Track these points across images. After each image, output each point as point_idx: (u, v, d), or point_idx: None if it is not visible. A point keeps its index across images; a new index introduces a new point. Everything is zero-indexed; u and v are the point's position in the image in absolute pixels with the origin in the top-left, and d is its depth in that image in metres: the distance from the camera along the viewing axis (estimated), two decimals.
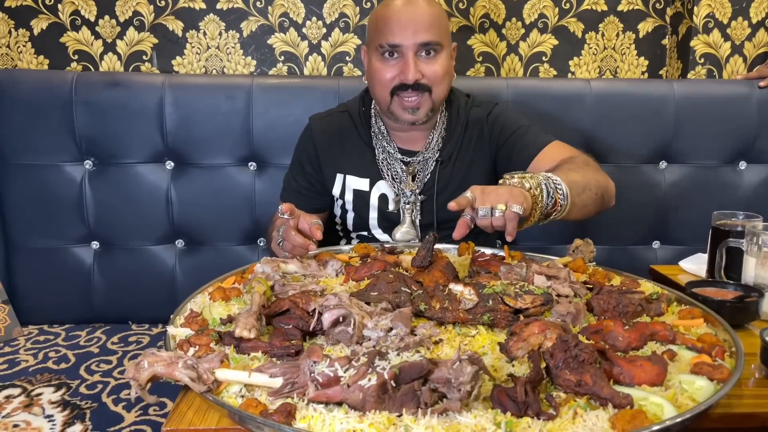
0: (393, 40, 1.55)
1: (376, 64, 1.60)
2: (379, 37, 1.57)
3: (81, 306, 2.07)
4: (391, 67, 1.58)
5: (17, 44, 2.30)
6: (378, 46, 1.58)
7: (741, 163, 2.17)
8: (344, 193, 1.74)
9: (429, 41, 1.55)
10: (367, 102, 1.76)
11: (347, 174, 1.73)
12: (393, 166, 1.70)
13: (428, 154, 1.70)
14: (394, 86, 1.58)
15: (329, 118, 1.78)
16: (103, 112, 1.99)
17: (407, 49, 1.55)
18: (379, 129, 1.72)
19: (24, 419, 1.47)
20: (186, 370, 0.84)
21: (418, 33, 1.54)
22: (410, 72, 1.55)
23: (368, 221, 1.74)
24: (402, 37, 1.55)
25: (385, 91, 1.60)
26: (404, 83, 1.56)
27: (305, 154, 1.77)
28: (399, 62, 1.57)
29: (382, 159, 1.71)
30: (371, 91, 1.68)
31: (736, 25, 2.36)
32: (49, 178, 2.01)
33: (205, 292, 1.20)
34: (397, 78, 1.57)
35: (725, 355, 0.98)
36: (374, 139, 1.72)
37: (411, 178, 1.69)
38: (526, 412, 0.79)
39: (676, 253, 2.12)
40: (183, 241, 2.10)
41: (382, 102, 1.63)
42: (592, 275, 1.33)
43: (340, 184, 1.74)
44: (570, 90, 2.13)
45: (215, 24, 2.34)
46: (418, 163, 1.70)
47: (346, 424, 0.77)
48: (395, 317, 1.02)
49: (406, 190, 1.69)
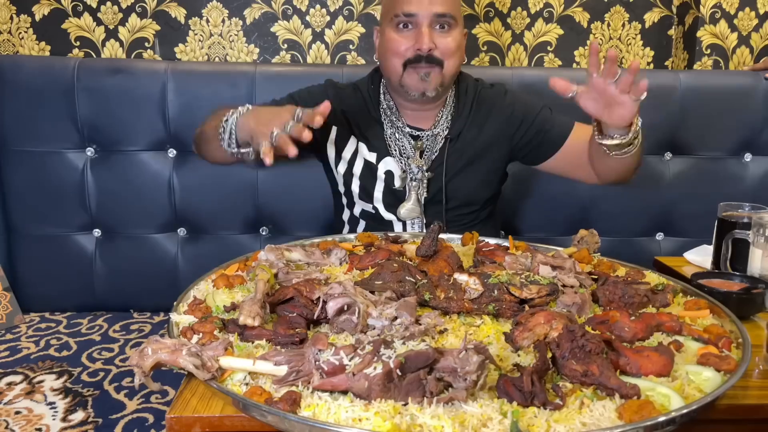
0: (409, 9, 1.57)
1: (391, 34, 1.61)
2: (395, 7, 1.59)
3: (83, 294, 2.06)
4: (405, 37, 1.60)
5: (19, 30, 2.29)
6: (393, 16, 1.60)
7: (746, 155, 2.16)
8: (356, 159, 1.73)
9: (445, 13, 1.58)
10: (376, 80, 1.76)
11: (360, 141, 1.73)
12: (401, 141, 1.71)
13: (437, 130, 1.71)
14: (408, 59, 1.59)
15: (344, 90, 1.78)
16: (106, 99, 1.98)
17: (423, 18, 1.57)
18: (388, 105, 1.73)
19: (26, 406, 1.47)
20: (190, 358, 0.83)
21: (435, 4, 1.57)
22: (424, 41, 1.56)
23: (373, 194, 1.73)
24: (418, 6, 1.57)
25: (398, 62, 1.61)
26: (418, 54, 1.57)
27: (317, 100, 1.50)
28: (413, 32, 1.59)
29: (390, 134, 1.72)
30: (383, 66, 1.69)
31: (743, 15, 2.34)
32: (51, 165, 2.00)
33: (209, 279, 1.20)
34: (411, 49, 1.59)
35: (732, 346, 0.97)
36: (383, 115, 1.73)
37: (419, 153, 1.70)
38: (533, 402, 0.79)
39: (680, 244, 2.11)
40: (185, 229, 2.09)
41: (394, 74, 1.63)
42: (597, 266, 1.32)
43: (353, 148, 1.74)
44: (575, 80, 2.09)
45: (218, 11, 2.33)
46: (426, 139, 1.71)
47: (351, 412, 0.76)
48: (400, 306, 1.01)
49: (413, 166, 1.69)
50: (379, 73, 1.74)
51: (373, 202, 1.75)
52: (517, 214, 2.16)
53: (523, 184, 2.12)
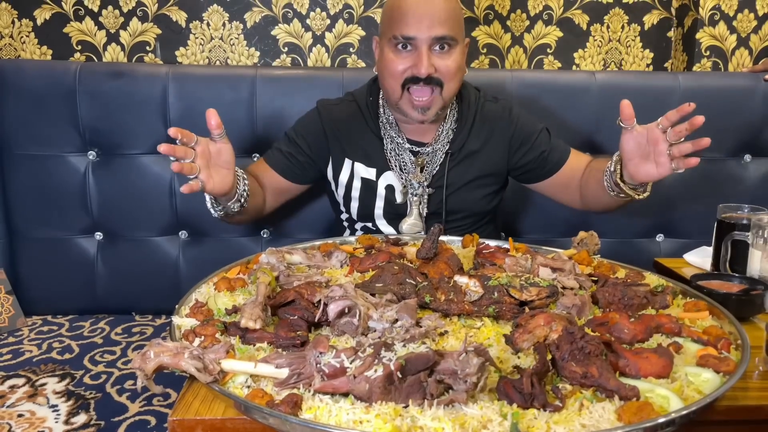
0: (408, 32, 1.53)
1: (389, 55, 1.58)
2: (394, 28, 1.55)
3: (84, 297, 2.07)
4: (403, 59, 1.55)
5: (20, 34, 2.30)
6: (392, 37, 1.55)
7: (746, 156, 2.16)
8: (353, 180, 1.72)
9: (444, 35, 1.53)
10: (374, 92, 1.73)
11: (356, 161, 1.72)
12: (401, 156, 1.69)
13: (438, 145, 1.69)
14: (406, 79, 1.56)
15: (338, 106, 1.76)
16: (107, 102, 1.98)
17: (422, 42, 1.53)
18: (388, 119, 1.70)
19: (28, 409, 1.47)
20: (192, 361, 0.84)
21: (434, 27, 1.52)
22: (423, 66, 1.52)
23: (373, 211, 1.72)
24: (417, 29, 1.52)
25: (396, 84, 1.57)
26: (416, 76, 1.54)
27: (311, 134, 1.74)
28: (412, 54, 1.54)
29: (390, 149, 1.70)
30: (382, 82, 1.65)
31: (742, 17, 2.35)
32: (52, 168, 2.01)
33: (210, 282, 1.20)
34: (409, 70, 1.55)
35: (731, 347, 0.98)
36: (383, 129, 1.70)
37: (420, 169, 1.68)
38: (533, 404, 0.79)
39: (680, 246, 2.12)
40: (186, 232, 2.09)
41: (393, 94, 1.61)
42: (597, 268, 1.33)
43: (349, 171, 1.72)
44: (574, 82, 2.11)
45: (219, 15, 2.34)
46: (427, 154, 1.69)
47: (352, 414, 0.77)
48: (400, 309, 1.01)
49: (414, 182, 1.67)
50: (377, 84, 1.71)
51: (374, 219, 1.74)
52: (517, 216, 2.16)
53: (524, 187, 2.12)
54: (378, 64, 1.66)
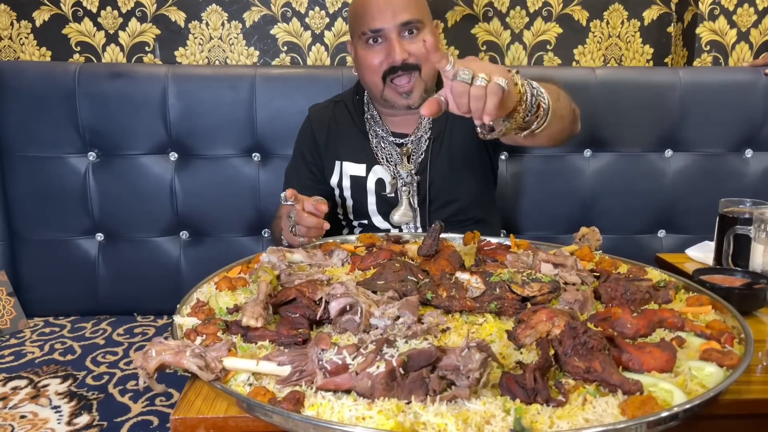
0: (374, 25, 1.58)
1: (362, 52, 1.64)
2: (361, 25, 1.61)
3: (86, 298, 2.07)
4: (377, 52, 1.61)
5: (19, 36, 2.30)
6: (361, 34, 1.61)
7: (747, 151, 2.16)
8: (342, 179, 1.76)
9: (409, 20, 1.58)
10: (360, 90, 1.79)
11: (344, 161, 1.75)
12: (387, 149, 1.72)
13: (420, 133, 1.72)
14: (385, 71, 1.60)
15: (326, 109, 1.82)
16: (107, 103, 1.99)
17: (390, 31, 1.58)
18: (372, 115, 1.75)
19: (31, 410, 1.47)
20: (194, 359, 0.83)
21: (398, 14, 1.57)
22: (396, 53, 1.58)
23: (367, 207, 1.75)
24: (382, 20, 1.58)
25: (376, 78, 1.62)
26: (393, 65, 1.59)
27: (306, 144, 1.81)
28: (384, 46, 1.60)
29: (375, 144, 1.73)
30: (363, 80, 1.71)
31: (742, 12, 2.35)
32: (53, 170, 2.01)
33: (211, 281, 1.20)
34: (385, 62, 1.60)
35: (734, 341, 0.97)
36: (367, 125, 1.75)
37: (406, 159, 1.71)
38: (536, 399, 0.79)
39: (681, 241, 2.12)
40: (187, 233, 2.09)
41: (375, 89, 1.65)
42: (599, 263, 1.32)
43: (338, 171, 1.76)
44: (575, 78, 2.11)
45: (218, 14, 2.33)
46: (411, 143, 1.72)
47: (354, 411, 0.77)
48: (402, 306, 1.01)
49: (402, 172, 1.70)
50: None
51: (368, 215, 1.77)
52: (518, 212, 2.16)
53: (524, 183, 2.13)
54: (355, 64, 1.71)
